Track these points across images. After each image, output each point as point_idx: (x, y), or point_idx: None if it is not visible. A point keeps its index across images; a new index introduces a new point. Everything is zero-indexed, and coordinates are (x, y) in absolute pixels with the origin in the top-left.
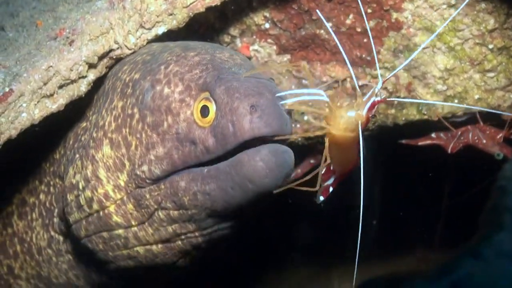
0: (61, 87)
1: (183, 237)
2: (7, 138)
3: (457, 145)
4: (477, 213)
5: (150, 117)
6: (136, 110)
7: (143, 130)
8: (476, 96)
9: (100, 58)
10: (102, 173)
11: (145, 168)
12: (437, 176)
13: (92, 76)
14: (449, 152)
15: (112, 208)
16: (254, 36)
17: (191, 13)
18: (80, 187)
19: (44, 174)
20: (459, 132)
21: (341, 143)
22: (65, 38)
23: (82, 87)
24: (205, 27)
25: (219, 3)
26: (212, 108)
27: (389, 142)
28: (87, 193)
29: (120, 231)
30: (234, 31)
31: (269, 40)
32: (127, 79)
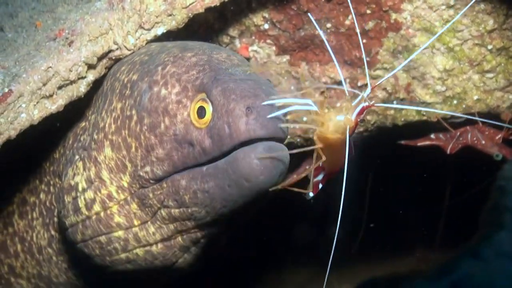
0: (60, 88)
1: (184, 234)
2: (6, 139)
3: (456, 146)
4: (477, 213)
5: (148, 119)
6: (134, 112)
7: (141, 132)
8: (475, 97)
9: (100, 59)
10: (105, 175)
11: (148, 169)
12: (437, 177)
13: (92, 77)
14: (448, 153)
15: (115, 209)
16: (253, 37)
17: (191, 14)
18: (80, 189)
19: (44, 174)
20: (458, 133)
21: (330, 144)
22: (65, 39)
23: (82, 88)
24: (205, 28)
25: (219, 4)
26: (209, 109)
27: (389, 143)
28: (89, 194)
29: (120, 233)
30: (233, 32)
31: (268, 41)
32: (126, 80)
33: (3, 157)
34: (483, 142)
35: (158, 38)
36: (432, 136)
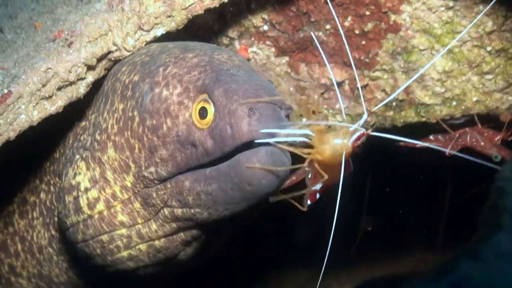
0: (60, 89)
1: (186, 231)
2: (6, 140)
3: (455, 147)
4: (476, 214)
5: (150, 120)
6: (136, 113)
7: (144, 133)
8: (474, 98)
9: (99, 60)
10: (110, 175)
11: (153, 170)
12: (436, 178)
13: (91, 78)
14: (447, 154)
15: (119, 207)
16: (253, 38)
17: (190, 15)
18: (82, 188)
19: (45, 173)
20: (457, 134)
21: (327, 164)
22: (64, 40)
23: (81, 89)
24: (204, 29)
25: (218, 5)
26: (211, 110)
27: (388, 144)
28: (93, 193)
29: (123, 231)
30: (233, 33)
31: (268, 42)
32: (127, 81)
33: (3, 158)
34: (482, 144)
35: (158, 40)
36: (431, 138)
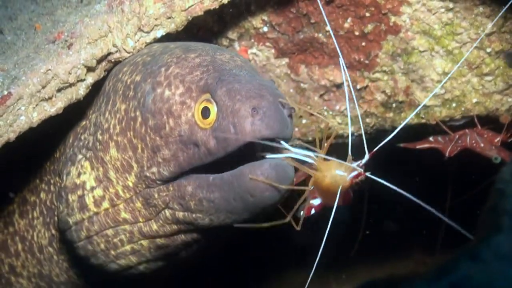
0: (60, 91)
1: (186, 233)
2: (6, 141)
3: (455, 149)
4: (476, 216)
5: (152, 120)
6: (139, 113)
7: (147, 133)
8: (474, 100)
9: (99, 62)
10: (112, 174)
11: (155, 170)
12: (435, 179)
13: (91, 80)
14: (447, 156)
15: (122, 206)
16: (252, 40)
17: (190, 17)
18: (88, 187)
19: (45, 173)
20: (457, 136)
21: (324, 190)
22: (64, 42)
23: (81, 91)
24: (204, 30)
25: (218, 7)
26: (213, 110)
27: (387, 145)
28: (98, 192)
29: (126, 226)
30: (233, 35)
31: (267, 44)
32: (129, 81)
33: (3, 158)
34: (482, 145)
35: (158, 41)
36: (431, 139)
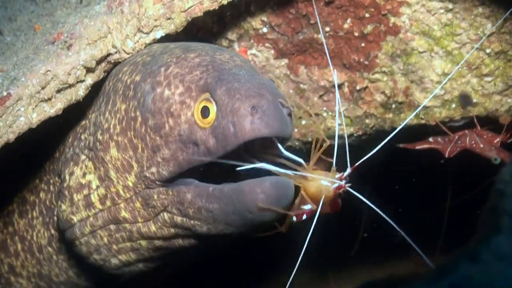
0: (59, 92)
1: (184, 238)
2: (5, 142)
3: (454, 150)
4: (475, 216)
5: (152, 120)
6: (139, 113)
7: (147, 133)
8: (474, 101)
9: (98, 63)
10: (113, 174)
11: (154, 170)
12: (435, 180)
13: (90, 81)
14: (446, 156)
15: (122, 205)
16: (252, 41)
17: (189, 17)
18: (94, 186)
19: (44, 173)
20: (457, 137)
21: (310, 197)
22: (63, 43)
23: (80, 92)
24: (203, 31)
25: (217, 8)
26: (213, 109)
27: (387, 146)
28: (101, 191)
29: (126, 225)
30: (232, 35)
31: (267, 45)
32: (129, 81)
33: (3, 159)
34: (482, 146)
35: (157, 42)
36: (431, 140)
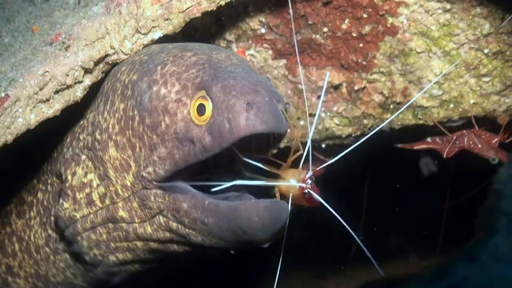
0: (57, 92)
1: (178, 244)
2: (3, 143)
3: (453, 150)
4: (473, 217)
5: (149, 119)
6: (136, 112)
7: (144, 132)
8: (472, 101)
9: (96, 63)
10: (112, 173)
11: (151, 170)
12: (434, 180)
13: (88, 82)
14: (445, 157)
15: (120, 204)
16: (250, 41)
17: (187, 18)
18: (94, 185)
19: (42, 173)
20: (455, 137)
21: (284, 195)
22: (61, 43)
23: (78, 92)
24: (201, 32)
25: (215, 8)
26: (209, 106)
27: (386, 146)
28: (101, 190)
29: (123, 224)
30: (230, 36)
31: (265, 45)
32: (127, 81)
33: (0, 159)
34: (480, 146)
35: (155, 43)
36: (429, 140)
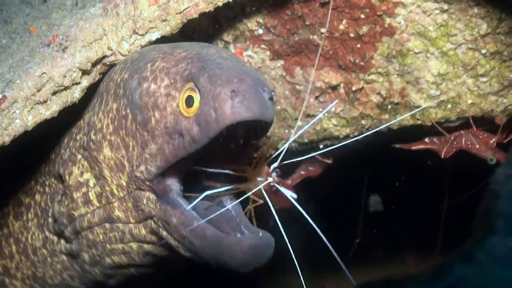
0: (55, 94)
1: (172, 252)
2: (0, 145)
3: (450, 150)
4: (470, 217)
5: (140, 116)
6: (129, 111)
7: (137, 130)
8: (469, 101)
9: (94, 65)
10: (107, 173)
11: (143, 168)
12: (432, 181)
13: (86, 83)
14: (442, 157)
15: (116, 204)
16: (248, 42)
17: (185, 19)
18: (91, 184)
19: (40, 174)
20: (453, 137)
21: (257, 195)
22: (59, 45)
23: (76, 94)
24: (199, 33)
25: (213, 9)
26: (197, 97)
27: (383, 147)
28: (98, 189)
29: (120, 224)
30: (228, 37)
31: (263, 46)
32: (119, 80)
33: None
34: (478, 146)
35: (153, 44)
36: (427, 140)
